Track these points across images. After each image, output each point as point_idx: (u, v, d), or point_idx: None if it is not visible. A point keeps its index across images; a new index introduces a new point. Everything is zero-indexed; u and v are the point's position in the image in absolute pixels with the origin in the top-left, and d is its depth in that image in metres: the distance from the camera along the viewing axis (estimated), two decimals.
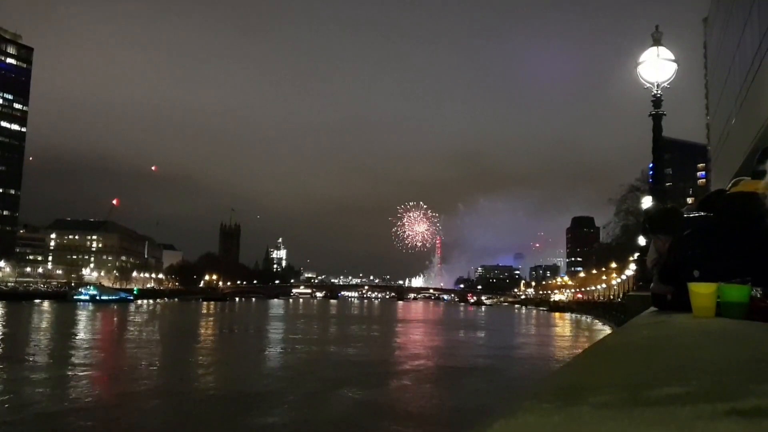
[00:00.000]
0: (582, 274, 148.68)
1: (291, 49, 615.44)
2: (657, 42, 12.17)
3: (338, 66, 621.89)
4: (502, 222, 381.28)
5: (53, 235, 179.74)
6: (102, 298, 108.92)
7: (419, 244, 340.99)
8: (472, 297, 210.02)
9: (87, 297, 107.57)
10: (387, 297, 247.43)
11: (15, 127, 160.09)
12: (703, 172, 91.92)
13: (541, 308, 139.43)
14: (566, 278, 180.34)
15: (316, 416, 16.28)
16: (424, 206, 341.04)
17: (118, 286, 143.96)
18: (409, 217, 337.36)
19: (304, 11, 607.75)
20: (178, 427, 15.12)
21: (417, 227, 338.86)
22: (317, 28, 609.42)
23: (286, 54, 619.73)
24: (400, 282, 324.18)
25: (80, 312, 71.54)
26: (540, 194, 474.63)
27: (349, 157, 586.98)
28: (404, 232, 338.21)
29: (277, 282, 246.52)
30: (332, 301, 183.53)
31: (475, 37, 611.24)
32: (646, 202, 28.66)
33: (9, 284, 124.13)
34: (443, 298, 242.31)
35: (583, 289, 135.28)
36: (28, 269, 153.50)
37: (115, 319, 63.16)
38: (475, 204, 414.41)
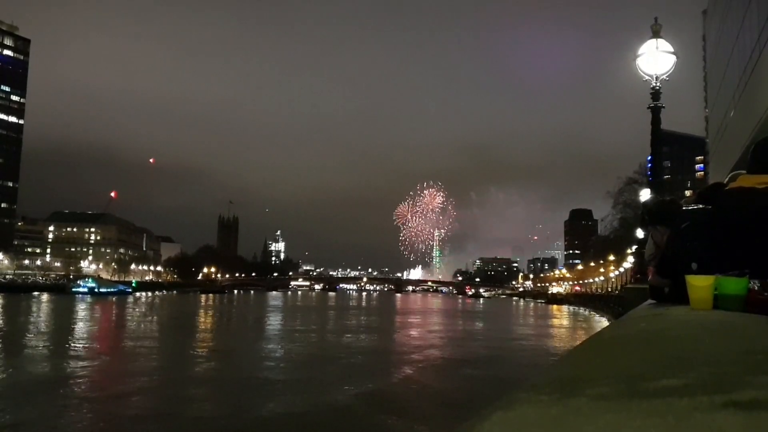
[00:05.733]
0: (580, 267, 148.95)
1: (295, 40, 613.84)
2: (656, 34, 12.12)
3: (342, 58, 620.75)
4: (501, 214, 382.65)
5: (51, 228, 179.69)
6: (100, 290, 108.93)
7: (420, 239, 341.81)
8: (470, 289, 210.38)
9: (86, 289, 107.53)
10: (385, 289, 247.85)
11: (12, 119, 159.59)
12: (702, 165, 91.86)
13: (539, 301, 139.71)
14: (564, 271, 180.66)
15: (317, 406, 16.36)
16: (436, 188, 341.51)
17: (116, 279, 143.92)
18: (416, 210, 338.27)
19: (310, 2, 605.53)
20: (179, 415, 15.18)
21: (419, 221, 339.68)
22: (324, 19, 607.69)
23: (291, 45, 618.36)
24: (399, 274, 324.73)
25: (79, 304, 71.54)
26: (546, 187, 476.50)
27: (352, 149, 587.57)
28: (408, 223, 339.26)
29: (275, 274, 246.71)
30: (330, 293, 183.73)
31: (482, 30, 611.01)
32: (644, 194, 28.70)
33: (7, 277, 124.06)
34: (441, 290, 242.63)
35: (581, 282, 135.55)
36: (27, 261, 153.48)
37: (114, 311, 63.19)
38: (475, 197, 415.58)
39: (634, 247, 37.89)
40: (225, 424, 14.43)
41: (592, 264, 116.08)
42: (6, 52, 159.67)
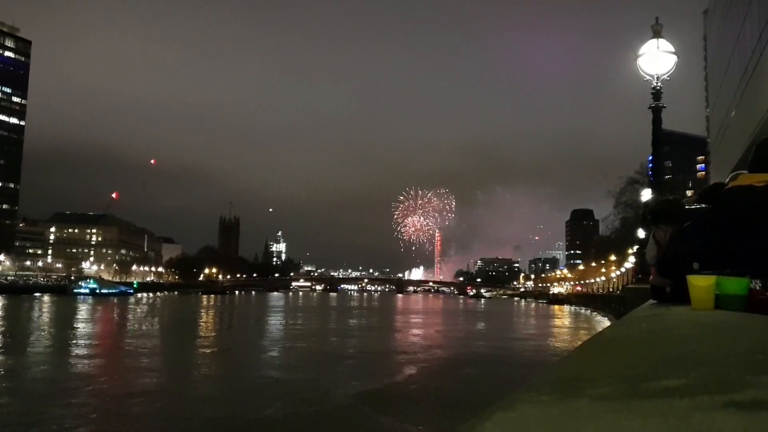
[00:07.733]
0: (581, 267, 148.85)
1: (297, 40, 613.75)
2: (657, 34, 12.11)
3: (344, 59, 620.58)
4: (503, 214, 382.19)
5: (53, 229, 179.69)
6: (102, 291, 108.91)
7: (420, 235, 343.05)
8: (471, 290, 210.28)
9: (87, 290, 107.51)
10: (386, 290, 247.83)
11: (14, 120, 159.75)
12: (703, 165, 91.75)
13: (541, 301, 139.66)
14: (565, 271, 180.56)
15: (321, 406, 16.39)
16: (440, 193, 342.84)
17: (117, 280, 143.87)
18: (413, 208, 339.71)
19: (311, 3, 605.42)
20: (184, 415, 15.22)
21: (417, 219, 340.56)
22: (325, 20, 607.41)
23: (292, 46, 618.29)
24: (400, 275, 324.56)
25: (81, 305, 71.56)
26: (548, 187, 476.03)
27: (354, 149, 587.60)
28: (405, 221, 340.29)
29: (276, 275, 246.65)
30: (332, 294, 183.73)
31: (485, 30, 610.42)
32: (645, 194, 28.69)
33: (9, 278, 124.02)
34: (443, 290, 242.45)
35: (582, 282, 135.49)
36: (28, 263, 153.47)
37: (116, 312, 63.20)
38: (481, 197, 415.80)
39: (635, 247, 37.87)
40: (230, 424, 14.45)
41: (594, 264, 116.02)
42: (7, 53, 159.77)
